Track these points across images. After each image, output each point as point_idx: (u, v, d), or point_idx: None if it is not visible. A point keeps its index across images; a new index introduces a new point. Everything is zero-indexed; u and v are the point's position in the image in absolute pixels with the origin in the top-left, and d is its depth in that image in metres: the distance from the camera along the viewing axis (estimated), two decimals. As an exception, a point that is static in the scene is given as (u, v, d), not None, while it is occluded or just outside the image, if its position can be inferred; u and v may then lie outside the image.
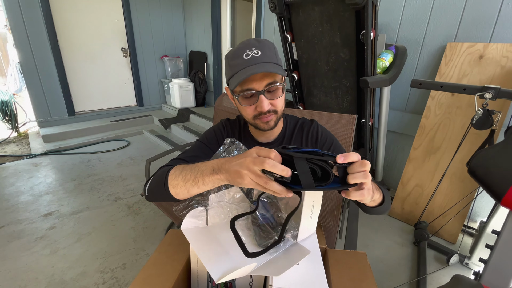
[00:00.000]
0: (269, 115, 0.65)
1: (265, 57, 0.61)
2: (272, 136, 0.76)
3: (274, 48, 0.65)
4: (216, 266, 0.45)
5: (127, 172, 2.41)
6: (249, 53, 0.60)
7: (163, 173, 0.60)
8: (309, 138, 0.76)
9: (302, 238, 0.55)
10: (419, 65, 1.77)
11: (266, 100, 0.63)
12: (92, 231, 1.64)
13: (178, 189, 0.54)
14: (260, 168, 0.40)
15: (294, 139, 0.76)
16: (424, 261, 1.39)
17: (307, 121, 0.79)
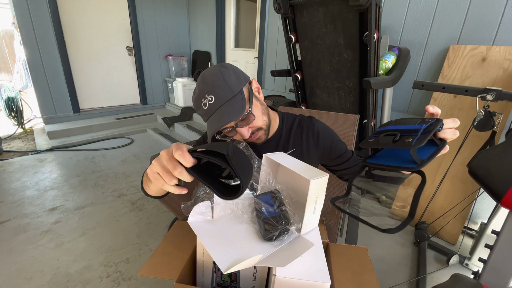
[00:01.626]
0: (255, 135, 0.69)
1: (218, 101, 0.62)
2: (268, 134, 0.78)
3: (223, 79, 0.62)
4: (223, 257, 0.47)
5: (131, 169, 2.44)
6: (205, 102, 0.63)
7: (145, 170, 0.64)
8: (310, 135, 0.77)
9: (305, 231, 0.57)
10: (422, 67, 1.78)
11: (244, 128, 0.66)
12: (96, 226, 1.66)
13: (145, 185, 0.60)
14: (173, 154, 0.41)
15: (293, 136, 0.77)
16: (424, 261, 1.40)
17: (305, 118, 0.80)
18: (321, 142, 0.76)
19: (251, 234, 0.55)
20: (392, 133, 0.44)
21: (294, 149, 0.76)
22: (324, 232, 0.64)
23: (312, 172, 0.55)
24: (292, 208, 0.57)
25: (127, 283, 1.28)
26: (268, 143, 0.78)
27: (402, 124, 0.46)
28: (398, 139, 0.42)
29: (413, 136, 0.41)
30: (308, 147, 0.77)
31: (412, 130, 0.42)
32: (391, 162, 0.46)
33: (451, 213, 1.55)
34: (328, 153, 0.78)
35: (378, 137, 0.45)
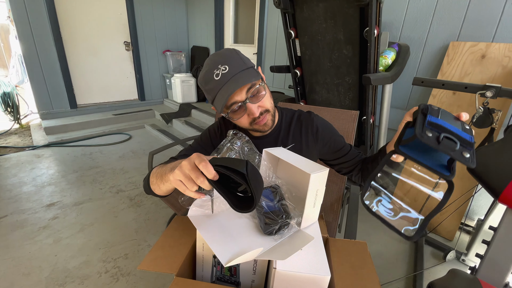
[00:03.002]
0: (263, 116, 0.68)
1: (233, 69, 0.61)
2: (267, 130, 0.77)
3: (237, 54, 0.64)
4: (223, 251, 0.47)
5: (129, 165, 2.43)
6: (218, 72, 0.61)
7: (150, 171, 0.66)
8: (309, 130, 0.77)
9: (305, 225, 0.57)
10: (422, 64, 1.78)
11: (254, 105, 0.65)
12: (95, 222, 1.66)
13: (154, 186, 0.61)
14: (196, 163, 0.44)
15: (293, 131, 0.77)
16: (421, 257, 1.41)
17: (304, 114, 0.80)
18: (320, 137, 0.77)
19: (251, 228, 0.55)
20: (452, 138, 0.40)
21: (293, 144, 0.76)
22: (323, 227, 0.64)
23: (312, 166, 0.55)
24: (292, 202, 0.57)
25: (126, 278, 1.28)
26: (267, 138, 0.77)
27: (450, 122, 0.42)
28: (457, 150, 0.39)
29: (468, 150, 0.39)
30: (308, 141, 0.77)
31: (466, 141, 0.40)
32: (424, 159, 0.42)
33: (449, 210, 1.56)
34: (327, 147, 0.78)
35: (439, 136, 0.40)
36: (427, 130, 0.41)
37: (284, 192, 0.59)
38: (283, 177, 0.62)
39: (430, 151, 0.44)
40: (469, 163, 0.38)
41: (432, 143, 0.40)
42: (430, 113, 0.43)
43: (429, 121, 0.42)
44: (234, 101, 0.63)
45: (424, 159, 0.43)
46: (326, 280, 0.46)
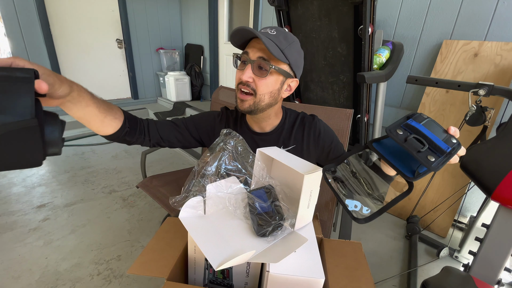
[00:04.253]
0: (246, 95, 0.66)
1: (275, 38, 0.62)
2: (269, 126, 0.76)
3: (292, 41, 0.65)
4: (215, 253, 0.45)
5: (122, 164, 2.39)
6: (266, 30, 0.63)
7: None
8: (311, 134, 0.76)
9: (299, 227, 0.56)
10: (415, 62, 1.79)
11: (250, 71, 0.64)
12: (87, 223, 1.63)
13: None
14: None
15: (295, 133, 0.76)
16: (415, 254, 1.42)
17: (308, 116, 0.79)
18: (321, 142, 0.76)
19: (244, 230, 0.53)
20: (421, 140, 0.42)
21: (294, 145, 0.75)
22: (318, 227, 0.64)
23: (306, 167, 0.54)
24: (286, 203, 0.56)
25: (119, 280, 1.25)
26: (269, 135, 0.77)
27: (432, 130, 0.43)
28: (423, 151, 0.41)
29: (436, 156, 0.41)
30: (309, 145, 0.76)
31: (438, 147, 0.41)
32: (392, 158, 0.45)
33: (442, 207, 1.58)
34: (326, 153, 0.77)
35: (407, 136, 0.42)
36: (398, 128, 0.44)
37: (278, 192, 0.58)
38: (277, 177, 0.61)
39: (404, 155, 0.46)
40: (429, 166, 0.39)
41: (398, 140, 0.42)
42: (414, 118, 0.45)
43: (406, 123, 0.44)
44: (247, 51, 0.64)
45: (393, 158, 0.46)
46: (321, 282, 0.45)
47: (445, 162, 0.41)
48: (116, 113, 0.62)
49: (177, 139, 0.76)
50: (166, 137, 0.75)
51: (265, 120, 0.75)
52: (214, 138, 0.65)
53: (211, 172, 0.60)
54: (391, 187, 0.54)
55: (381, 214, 0.48)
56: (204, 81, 3.92)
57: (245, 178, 0.62)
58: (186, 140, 0.78)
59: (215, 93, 1.53)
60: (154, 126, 0.73)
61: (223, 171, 0.61)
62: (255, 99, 0.67)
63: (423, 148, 0.41)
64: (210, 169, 0.60)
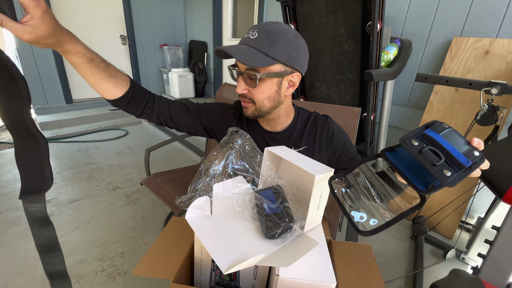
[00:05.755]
0: (247, 101, 0.66)
1: (256, 43, 0.59)
2: (280, 126, 0.74)
3: (277, 37, 0.59)
4: (223, 256, 0.44)
5: (126, 161, 2.39)
6: (248, 34, 0.61)
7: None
8: (324, 135, 0.73)
9: (308, 228, 0.55)
10: (424, 60, 1.75)
11: (243, 83, 0.63)
12: (91, 219, 1.63)
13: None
14: None
15: (307, 134, 0.74)
16: (421, 255, 1.40)
17: (320, 117, 0.76)
18: (334, 143, 0.74)
19: (252, 232, 0.52)
20: (438, 152, 0.39)
21: (306, 146, 0.73)
22: (326, 228, 0.62)
23: (317, 167, 0.53)
24: (295, 204, 0.54)
25: (122, 277, 1.25)
26: (280, 135, 0.75)
27: (451, 142, 0.40)
28: (438, 165, 0.38)
29: (453, 170, 0.37)
30: (321, 146, 0.74)
31: (456, 161, 0.38)
32: (405, 170, 0.42)
33: (449, 208, 1.55)
34: (338, 156, 0.75)
35: (423, 148, 0.39)
36: (414, 139, 0.41)
37: (287, 193, 0.56)
38: (285, 178, 0.59)
39: (418, 167, 0.42)
40: (444, 181, 0.36)
41: (412, 152, 0.39)
42: (433, 128, 0.42)
43: (423, 133, 0.41)
44: (237, 65, 0.63)
45: (406, 170, 0.42)
46: (332, 287, 0.44)
47: (463, 177, 0.38)
48: (118, 82, 0.62)
49: (186, 123, 0.75)
50: (176, 119, 0.73)
51: (275, 120, 0.73)
52: (226, 130, 0.64)
53: (218, 171, 0.59)
54: (401, 198, 0.52)
55: (388, 227, 0.45)
56: (208, 78, 3.90)
57: (253, 178, 0.61)
58: (195, 127, 0.76)
59: (220, 90, 1.51)
60: (166, 104, 0.72)
61: (230, 170, 0.59)
62: (255, 106, 0.66)
63: (439, 161, 0.37)
64: (217, 168, 0.59)
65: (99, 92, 0.63)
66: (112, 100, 0.65)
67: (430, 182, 0.41)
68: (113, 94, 0.63)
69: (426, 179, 0.41)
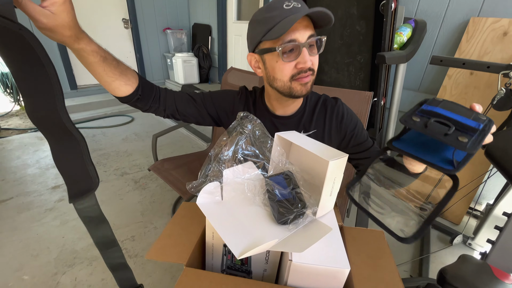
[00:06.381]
0: (308, 74, 0.61)
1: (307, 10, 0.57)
2: (291, 109, 0.72)
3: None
4: (236, 241, 0.44)
5: (132, 147, 2.41)
6: (290, 4, 0.56)
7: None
8: (334, 118, 0.71)
9: (320, 214, 0.54)
10: (438, 41, 1.68)
11: (307, 55, 0.59)
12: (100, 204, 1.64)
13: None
14: None
15: (316, 116, 0.72)
16: (428, 241, 1.41)
17: (330, 99, 0.74)
18: (344, 126, 0.71)
19: (264, 217, 0.52)
20: (444, 122, 0.36)
21: (315, 129, 0.71)
22: (338, 215, 0.61)
23: (330, 153, 0.51)
24: (306, 190, 0.53)
25: (134, 260, 1.29)
26: (290, 119, 0.73)
27: (453, 111, 0.38)
28: (450, 134, 0.35)
29: (468, 136, 0.35)
30: (330, 129, 0.72)
31: (467, 126, 0.36)
32: (421, 153, 0.39)
33: (458, 195, 1.53)
34: (348, 139, 0.73)
35: (428, 121, 0.37)
36: (414, 116, 0.39)
37: (298, 179, 0.55)
38: (296, 163, 0.58)
39: (433, 145, 0.40)
40: (464, 147, 0.33)
41: (418, 128, 0.37)
42: (428, 103, 0.40)
43: (421, 109, 0.39)
44: (294, 38, 0.57)
45: (422, 153, 0.39)
46: (346, 272, 0.43)
47: (481, 141, 0.35)
48: (129, 79, 0.60)
49: (192, 114, 0.74)
50: (182, 110, 0.72)
51: (295, 101, 0.70)
52: (233, 117, 0.62)
53: (227, 157, 0.58)
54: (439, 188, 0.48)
55: (430, 224, 0.42)
56: (212, 63, 3.83)
57: (263, 164, 0.60)
58: (202, 117, 0.75)
59: (225, 75, 1.48)
60: (172, 96, 0.71)
61: (240, 156, 0.58)
62: (313, 77, 0.63)
63: (450, 130, 0.35)
64: (227, 154, 0.58)
65: (111, 90, 0.61)
66: (124, 97, 0.63)
67: (452, 158, 0.38)
68: (123, 91, 0.61)
69: (446, 156, 0.39)
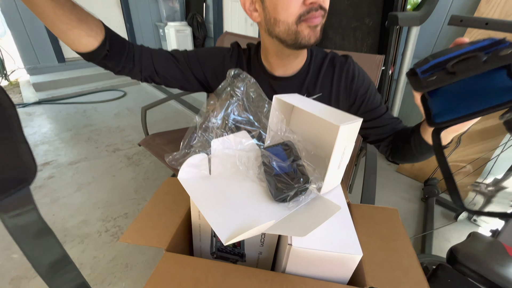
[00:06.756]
0: (320, 14, 0.49)
1: None
2: (292, 68, 0.61)
3: None
4: (223, 223, 0.36)
5: (125, 123, 2.30)
6: None
7: None
8: (343, 78, 0.60)
9: (326, 190, 0.46)
10: (454, 3, 1.51)
11: None
12: (92, 181, 1.60)
13: None
14: None
15: (322, 77, 0.61)
16: (432, 217, 1.36)
17: (339, 56, 0.62)
18: (355, 89, 0.61)
19: (259, 194, 0.44)
20: (466, 56, 0.30)
21: (321, 93, 0.61)
22: (344, 191, 0.53)
23: (341, 116, 0.42)
24: (310, 162, 0.45)
25: (127, 237, 1.25)
26: (291, 81, 0.62)
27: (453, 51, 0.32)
28: (488, 58, 0.29)
29: (502, 48, 0.28)
30: (338, 92, 0.62)
31: (488, 45, 0.29)
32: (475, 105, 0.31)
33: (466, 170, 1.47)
34: (359, 104, 0.62)
35: (448, 69, 0.31)
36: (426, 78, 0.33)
37: (300, 150, 0.46)
38: (298, 132, 0.49)
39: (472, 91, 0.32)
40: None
41: (446, 80, 0.31)
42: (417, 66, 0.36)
43: (424, 69, 0.35)
44: None
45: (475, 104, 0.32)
46: (357, 259, 0.36)
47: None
48: (91, 29, 0.48)
49: (175, 76, 0.63)
50: (162, 72, 0.61)
51: (298, 57, 0.59)
52: (224, 79, 0.51)
53: (216, 124, 0.48)
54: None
55: None
56: (207, 32, 3.59)
57: (259, 133, 0.51)
58: (187, 80, 0.64)
59: (220, 40, 1.34)
60: (148, 55, 0.59)
61: (231, 123, 0.49)
62: (323, 20, 0.52)
63: (481, 56, 0.29)
64: (215, 121, 0.48)
65: (70, 43, 0.49)
66: (87, 53, 0.51)
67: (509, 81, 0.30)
68: (86, 44, 0.49)
69: (499, 87, 0.30)
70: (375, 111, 0.62)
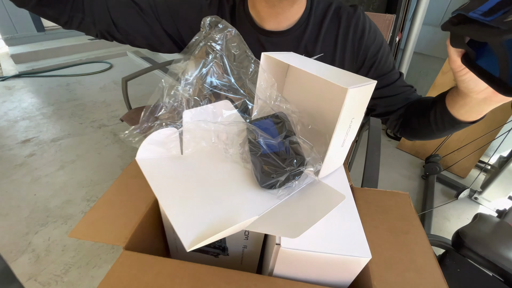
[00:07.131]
0: None
1: None
2: (287, 20, 0.48)
3: None
4: (189, 221, 0.27)
5: (111, 97, 2.17)
6: None
7: None
8: (350, 33, 0.49)
9: (325, 174, 0.37)
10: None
11: None
12: (76, 159, 1.51)
13: None
14: None
15: (325, 31, 0.49)
16: (432, 195, 1.31)
17: (345, 7, 0.50)
18: (364, 48, 0.49)
19: (240, 179, 0.35)
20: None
21: (322, 53, 0.50)
22: (347, 172, 0.45)
23: (348, 78, 0.32)
24: (307, 139, 0.35)
25: (113, 218, 1.19)
26: (285, 36, 0.49)
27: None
28: None
29: None
30: (344, 51, 0.50)
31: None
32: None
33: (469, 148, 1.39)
34: (368, 66, 0.51)
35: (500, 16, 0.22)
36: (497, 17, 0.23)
37: (294, 123, 0.37)
38: (293, 100, 0.39)
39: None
40: None
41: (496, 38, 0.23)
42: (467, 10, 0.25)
43: (483, 13, 0.24)
44: None
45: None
46: (363, 263, 0.28)
47: None
48: None
49: (139, 30, 0.50)
50: (122, 24, 0.48)
51: (295, 4, 0.46)
52: None
53: (188, 90, 0.38)
54: None
55: None
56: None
57: (244, 101, 0.41)
58: (155, 36, 0.51)
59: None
60: (103, 2, 0.46)
61: (207, 89, 0.39)
62: None
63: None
64: (187, 86, 0.38)
65: None
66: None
67: None
68: None
69: None
70: (386, 77, 0.51)
